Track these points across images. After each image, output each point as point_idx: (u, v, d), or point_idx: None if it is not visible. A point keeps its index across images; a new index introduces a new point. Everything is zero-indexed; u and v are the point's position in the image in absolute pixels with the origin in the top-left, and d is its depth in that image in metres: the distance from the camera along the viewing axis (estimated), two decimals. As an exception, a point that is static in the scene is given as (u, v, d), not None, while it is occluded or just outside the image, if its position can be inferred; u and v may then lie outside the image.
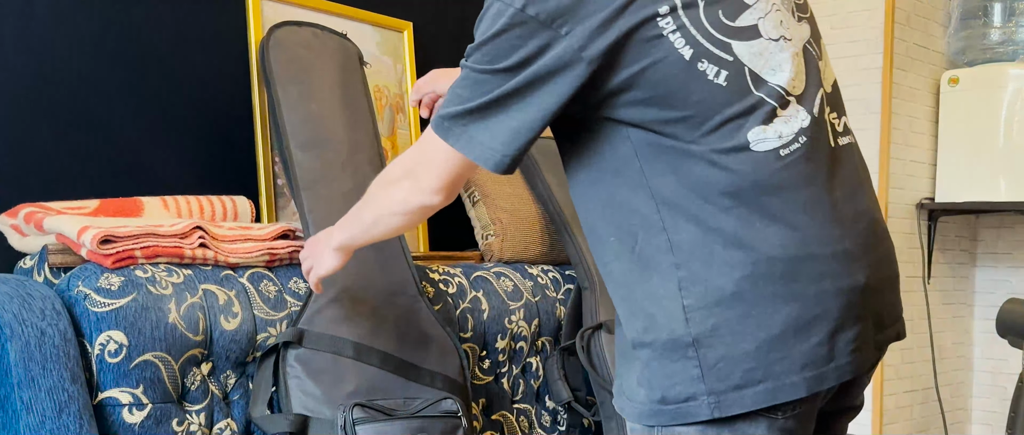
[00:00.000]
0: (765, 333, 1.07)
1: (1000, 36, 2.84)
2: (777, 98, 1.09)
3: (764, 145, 1.08)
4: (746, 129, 1.08)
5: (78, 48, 1.89)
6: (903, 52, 2.76)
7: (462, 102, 1.12)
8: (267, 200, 2.10)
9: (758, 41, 1.09)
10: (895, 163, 2.76)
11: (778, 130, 1.08)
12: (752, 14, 1.10)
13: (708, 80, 1.07)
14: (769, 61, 1.09)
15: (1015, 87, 2.75)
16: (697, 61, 1.07)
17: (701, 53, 1.07)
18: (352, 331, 1.73)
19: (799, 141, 1.09)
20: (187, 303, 1.60)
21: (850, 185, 1.14)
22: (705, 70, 1.07)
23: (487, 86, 1.10)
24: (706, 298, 1.08)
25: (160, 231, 1.65)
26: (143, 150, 1.98)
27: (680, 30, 1.06)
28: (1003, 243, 3.11)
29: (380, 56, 2.41)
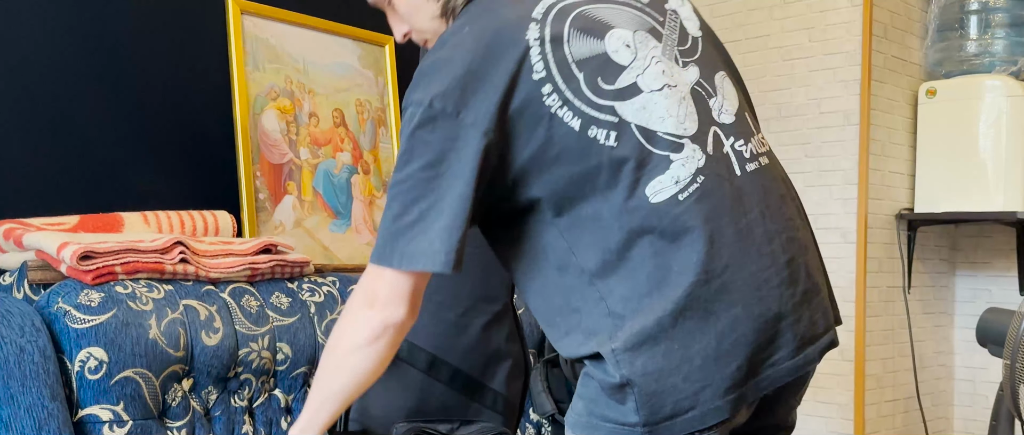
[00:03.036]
0: (689, 365, 1.12)
1: (976, 48, 2.87)
2: (669, 146, 1.15)
3: (663, 194, 1.14)
4: (644, 182, 1.14)
5: (58, 64, 1.88)
6: (881, 64, 2.79)
7: (395, 219, 1.15)
8: (249, 215, 2.10)
9: (640, 96, 1.16)
10: (874, 174, 2.78)
11: (675, 175, 1.14)
12: (630, 74, 1.17)
13: (601, 144, 1.14)
14: (655, 112, 1.16)
15: (991, 98, 2.78)
16: (586, 129, 1.14)
17: (589, 121, 1.14)
18: (430, 340, 1.70)
19: (697, 181, 1.15)
20: (168, 319, 1.60)
21: (759, 208, 1.19)
22: (595, 136, 1.14)
23: (412, 193, 1.14)
24: (632, 341, 1.13)
25: (140, 246, 1.64)
26: (124, 165, 1.97)
27: (566, 105, 1.14)
28: (982, 252, 3.14)
29: (362, 70, 2.41)
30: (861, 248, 2.75)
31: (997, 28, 2.84)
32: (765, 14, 2.89)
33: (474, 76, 1.13)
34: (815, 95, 2.81)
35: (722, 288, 1.13)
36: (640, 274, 1.14)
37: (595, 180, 1.14)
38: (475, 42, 1.15)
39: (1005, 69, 2.84)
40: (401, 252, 1.15)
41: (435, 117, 1.13)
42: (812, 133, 2.82)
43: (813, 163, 2.82)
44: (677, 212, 1.13)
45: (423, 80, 1.16)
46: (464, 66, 1.14)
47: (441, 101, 1.13)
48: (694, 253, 1.13)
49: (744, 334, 1.14)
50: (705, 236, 1.13)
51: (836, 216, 2.78)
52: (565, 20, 1.17)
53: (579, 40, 1.17)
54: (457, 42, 1.16)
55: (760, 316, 1.15)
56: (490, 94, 1.13)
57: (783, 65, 2.87)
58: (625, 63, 1.17)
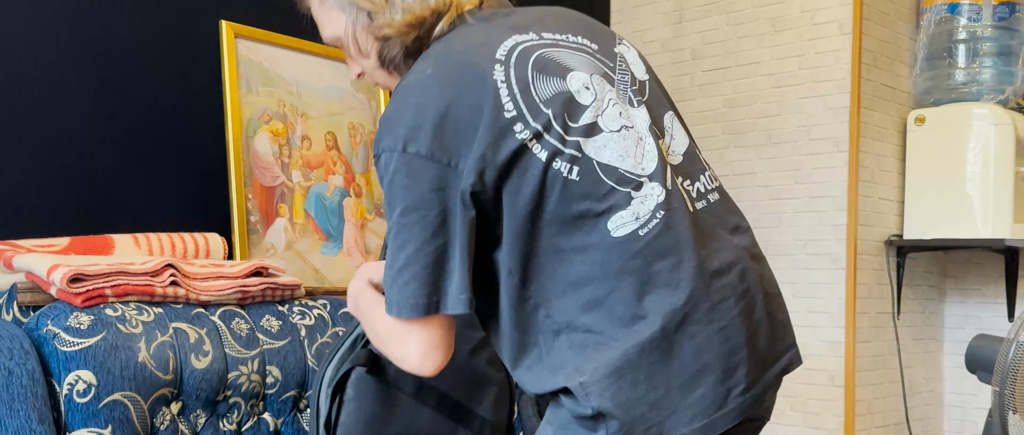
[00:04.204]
0: (655, 395, 1.15)
1: (965, 77, 2.90)
2: (629, 183, 1.18)
3: (624, 229, 1.16)
4: (606, 218, 1.17)
5: (51, 85, 1.89)
6: (870, 92, 2.81)
7: (406, 266, 1.15)
8: (240, 237, 2.10)
9: (601, 136, 1.19)
10: (863, 200, 2.80)
11: (635, 212, 1.17)
12: (591, 113, 1.19)
13: (563, 176, 1.16)
14: (614, 151, 1.19)
15: (979, 126, 2.81)
16: (552, 162, 1.16)
17: (555, 154, 1.16)
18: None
19: (656, 216, 1.18)
20: (157, 342, 1.60)
21: (714, 241, 1.22)
22: (560, 168, 1.16)
23: (417, 238, 1.15)
24: (599, 373, 1.15)
25: (131, 269, 1.64)
26: (116, 187, 1.98)
27: (536, 138, 1.16)
28: (971, 279, 3.15)
29: (355, 93, 2.42)
30: (851, 274, 2.76)
31: (985, 57, 2.87)
32: (755, 42, 2.92)
33: (446, 118, 1.14)
34: (805, 122, 2.83)
35: (684, 320, 1.16)
36: (602, 308, 1.16)
37: (556, 214, 1.16)
38: (442, 87, 1.16)
39: (993, 98, 2.87)
40: (426, 304, 1.16)
41: (410, 162, 1.14)
42: (802, 159, 2.84)
43: (803, 189, 2.84)
44: (637, 247, 1.16)
45: (390, 126, 1.17)
46: (434, 110, 1.15)
47: (414, 146, 1.14)
48: (655, 287, 1.16)
49: (707, 363, 1.17)
50: (665, 270, 1.16)
51: (826, 242, 2.80)
52: (527, 61, 1.20)
53: (541, 80, 1.19)
54: (423, 86, 1.17)
55: (721, 345, 1.18)
56: (464, 135, 1.14)
57: (773, 92, 2.89)
58: (587, 103, 1.20)
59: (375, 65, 1.31)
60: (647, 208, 1.18)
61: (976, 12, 2.85)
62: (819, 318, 2.81)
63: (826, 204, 2.79)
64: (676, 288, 1.16)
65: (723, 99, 2.96)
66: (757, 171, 2.92)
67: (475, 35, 1.23)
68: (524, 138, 1.16)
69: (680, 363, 1.16)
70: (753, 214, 2.93)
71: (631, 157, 1.19)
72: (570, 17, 1.31)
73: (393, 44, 1.27)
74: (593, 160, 1.18)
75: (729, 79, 2.97)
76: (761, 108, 2.91)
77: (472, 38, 1.23)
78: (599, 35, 1.30)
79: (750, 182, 2.94)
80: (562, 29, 1.27)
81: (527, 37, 1.23)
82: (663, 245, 1.17)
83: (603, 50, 1.28)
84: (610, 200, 1.17)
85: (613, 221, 1.17)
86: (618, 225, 1.17)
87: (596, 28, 1.31)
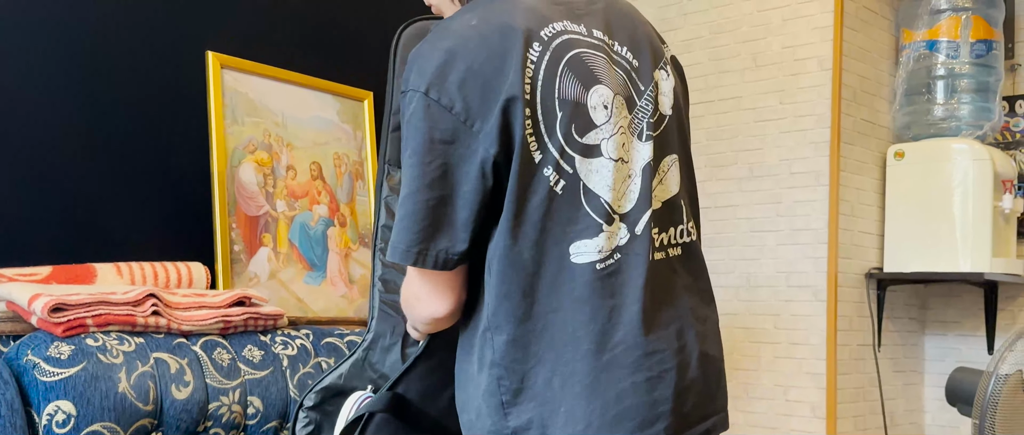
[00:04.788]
0: (573, 427, 1.15)
1: (943, 112, 2.94)
2: (604, 215, 1.18)
3: (583, 258, 1.17)
4: (570, 239, 1.16)
5: (35, 112, 1.89)
6: (850, 127, 2.85)
7: (402, 206, 1.15)
8: (223, 266, 2.10)
9: (599, 159, 1.18)
10: (844, 234, 2.82)
11: (599, 245, 1.17)
12: (598, 134, 1.19)
13: (549, 187, 1.16)
14: (604, 179, 1.18)
15: (958, 161, 2.84)
16: (544, 166, 1.16)
17: (548, 160, 1.16)
18: (437, 404, 1.67)
19: (614, 257, 1.18)
20: (138, 372, 1.59)
21: (664, 293, 1.22)
22: (548, 176, 1.16)
23: (415, 182, 1.14)
24: (522, 394, 1.16)
25: (113, 299, 1.64)
26: (99, 215, 1.98)
27: (535, 135, 1.15)
28: (952, 311, 3.18)
29: (341, 124, 2.44)
30: (831, 306, 2.78)
31: (963, 93, 2.91)
32: (737, 77, 2.96)
33: (474, 75, 1.13)
34: (786, 156, 2.86)
35: (612, 361, 1.16)
36: (539, 324, 1.16)
37: (528, 218, 1.15)
38: (480, 42, 1.15)
39: (971, 133, 2.91)
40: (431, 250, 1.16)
41: (429, 106, 1.13)
42: (784, 192, 2.87)
43: (785, 222, 2.86)
44: (589, 279, 1.16)
45: (419, 66, 1.16)
46: (465, 64, 1.13)
47: (436, 92, 1.13)
48: (594, 322, 1.16)
49: (629, 408, 1.16)
50: (606, 310, 1.16)
51: (807, 274, 2.82)
52: (564, 55, 1.18)
53: (568, 80, 1.18)
54: (462, 35, 1.16)
55: (646, 394, 1.17)
56: (488, 98, 1.13)
57: (755, 126, 2.92)
58: (598, 122, 1.19)
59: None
60: (610, 246, 1.18)
61: (954, 49, 2.90)
62: (801, 350, 2.82)
63: (807, 237, 2.82)
64: (613, 331, 1.16)
65: (706, 132, 3.00)
66: (739, 203, 2.95)
67: (535, 1, 1.21)
68: (528, 131, 1.14)
69: (603, 403, 1.16)
70: (735, 246, 2.95)
71: (615, 191, 1.19)
72: (630, 22, 1.28)
73: None
74: (581, 181, 1.17)
75: (711, 113, 3.00)
76: (743, 142, 2.94)
77: (531, 1, 1.21)
78: (646, 52, 1.27)
79: (732, 214, 2.96)
80: (615, 33, 1.25)
81: (577, 28, 1.21)
82: (612, 286, 1.17)
83: (642, 71, 1.25)
84: (580, 225, 1.16)
85: (575, 246, 1.17)
86: (579, 251, 1.17)
87: (647, 42, 1.28)
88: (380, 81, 2.51)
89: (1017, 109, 3.07)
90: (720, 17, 2.99)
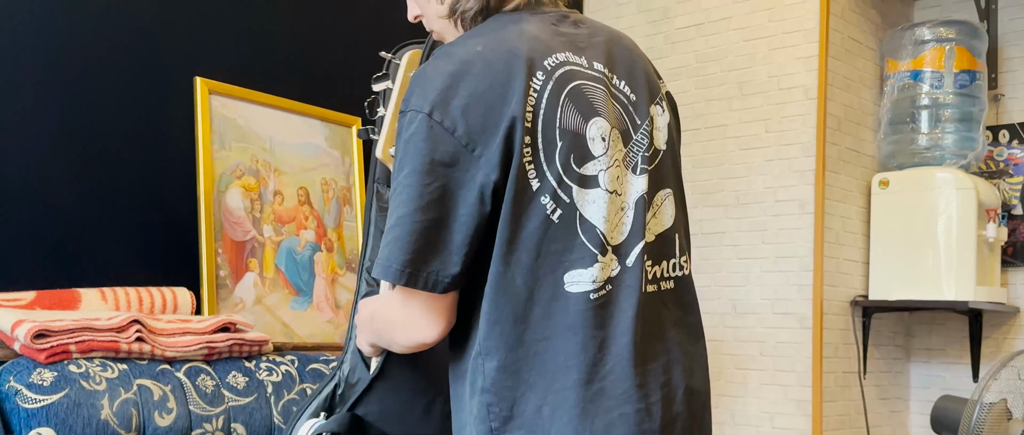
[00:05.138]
0: None
1: (927, 142, 2.96)
2: (599, 246, 1.19)
3: (578, 287, 1.17)
4: (565, 268, 1.17)
5: (20, 137, 1.90)
6: (835, 155, 2.87)
7: (395, 226, 1.15)
8: (209, 291, 2.10)
9: (595, 190, 1.19)
10: (829, 261, 2.84)
11: (593, 275, 1.18)
12: (596, 165, 1.20)
13: (546, 214, 1.16)
14: (600, 210, 1.19)
15: (943, 190, 2.87)
16: (541, 194, 1.16)
17: (545, 188, 1.16)
18: (400, 426, 1.66)
19: (607, 288, 1.19)
20: (120, 399, 1.59)
21: (653, 326, 1.23)
22: (545, 204, 1.16)
23: (411, 203, 1.14)
24: (512, 422, 1.16)
25: (96, 325, 1.64)
26: (85, 240, 1.98)
27: (534, 164, 1.16)
28: (936, 339, 3.20)
29: (329, 150, 2.45)
30: (817, 334, 2.79)
31: (947, 123, 2.94)
32: (724, 105, 2.98)
33: (478, 100, 1.14)
34: (772, 184, 2.88)
35: (600, 392, 1.16)
36: (530, 352, 1.16)
37: (523, 245, 1.16)
38: (485, 68, 1.16)
39: (955, 162, 2.94)
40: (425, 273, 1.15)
41: (432, 128, 1.13)
42: (769, 220, 2.89)
43: (770, 250, 2.88)
44: (582, 308, 1.16)
45: (422, 87, 1.16)
46: (470, 88, 1.14)
47: (440, 115, 1.13)
48: (585, 352, 1.16)
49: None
50: (597, 341, 1.17)
51: (793, 301, 2.83)
52: (565, 85, 1.19)
53: (568, 111, 1.19)
54: (467, 60, 1.16)
55: (635, 426, 1.18)
56: (490, 124, 1.13)
57: (741, 154, 2.94)
58: (596, 154, 1.20)
59: (444, 12, 1.28)
60: (603, 276, 1.18)
61: (938, 79, 2.93)
62: (787, 377, 2.83)
63: (792, 264, 2.83)
64: (603, 362, 1.17)
65: (693, 160, 3.02)
66: (725, 230, 2.97)
67: (539, 30, 1.22)
68: (527, 159, 1.15)
69: (591, 432, 1.16)
70: (721, 272, 2.96)
71: (609, 222, 1.20)
72: (630, 56, 1.30)
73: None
74: (578, 211, 1.18)
75: (698, 141, 3.02)
76: (729, 169, 2.96)
77: (535, 31, 1.22)
78: (643, 87, 1.28)
79: (718, 241, 2.98)
80: (615, 66, 1.26)
81: (579, 60, 1.22)
82: (604, 317, 1.18)
83: (639, 105, 1.27)
84: (576, 254, 1.17)
85: (570, 275, 1.17)
86: (574, 280, 1.17)
87: (645, 77, 1.30)
88: (368, 107, 2.53)
89: (1001, 138, 3.11)
90: (707, 46, 3.02)
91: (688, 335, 1.30)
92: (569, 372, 1.16)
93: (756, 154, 2.91)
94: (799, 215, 2.82)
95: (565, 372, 1.16)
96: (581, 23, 1.29)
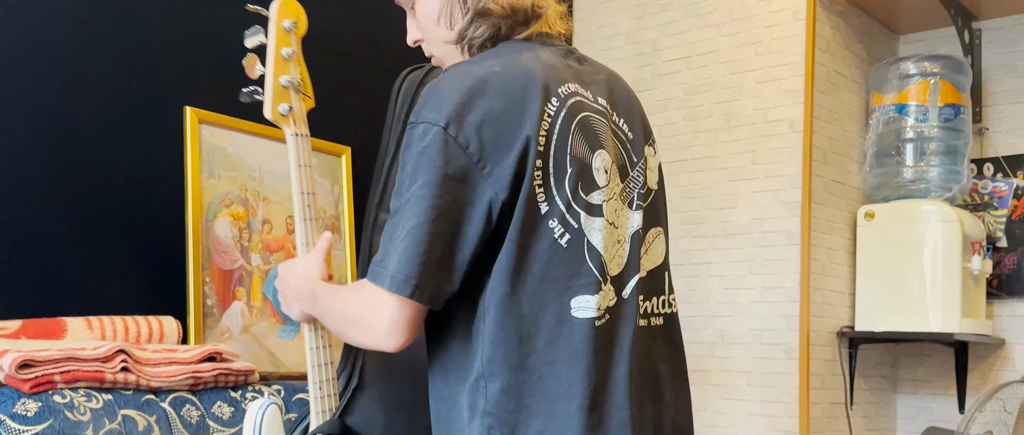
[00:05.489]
0: None
1: (913, 174, 2.99)
2: (602, 273, 1.20)
3: (584, 313, 1.18)
4: (572, 293, 1.18)
5: (7, 163, 1.90)
6: (821, 187, 2.90)
7: (406, 237, 1.13)
8: (195, 320, 2.10)
9: (599, 219, 1.21)
10: (815, 292, 2.85)
11: (598, 302, 1.19)
12: (600, 195, 1.22)
13: (554, 238, 1.17)
14: (604, 239, 1.21)
15: (928, 222, 2.89)
16: (549, 218, 1.17)
17: (554, 212, 1.17)
18: (388, 417, 1.66)
19: (606, 317, 1.20)
20: (105, 429, 1.59)
21: (646, 360, 1.25)
22: (553, 228, 1.17)
23: (422, 216, 1.13)
24: None
25: (82, 355, 1.64)
26: (72, 268, 1.98)
27: (544, 187, 1.17)
28: (923, 370, 3.21)
29: (319, 179, 2.46)
30: (804, 364, 2.80)
31: (932, 156, 2.97)
32: (711, 137, 3.01)
33: (493, 120, 1.14)
34: (759, 214, 2.90)
35: (600, 421, 1.17)
36: (534, 375, 1.16)
37: (530, 270, 1.16)
38: (502, 89, 1.16)
39: (940, 195, 2.96)
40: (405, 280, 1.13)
41: (447, 142, 1.13)
42: (756, 251, 2.90)
43: (757, 280, 2.89)
44: (587, 334, 1.17)
45: (437, 100, 1.15)
46: (486, 107, 1.14)
47: (455, 129, 1.13)
48: (589, 379, 1.17)
49: None
50: (597, 368, 1.17)
51: (780, 332, 2.84)
52: (576, 114, 1.21)
53: (578, 139, 1.20)
54: (485, 78, 1.17)
55: None
56: (503, 144, 1.14)
57: (728, 185, 2.97)
58: (600, 184, 1.22)
59: (451, 38, 1.28)
60: (605, 304, 1.19)
61: (923, 113, 2.97)
62: (774, 408, 2.83)
63: (779, 295, 2.85)
64: (604, 390, 1.18)
65: (680, 191, 3.04)
66: (713, 261, 2.98)
67: (551, 59, 1.24)
68: (537, 182, 1.16)
69: None
70: (709, 303, 2.98)
71: (609, 252, 1.21)
72: (627, 96, 1.33)
73: (484, 24, 1.26)
74: (585, 237, 1.19)
75: (686, 171, 3.04)
76: (717, 200, 2.98)
77: (548, 59, 1.23)
78: (639, 127, 1.32)
79: (705, 272, 2.99)
80: (615, 104, 1.28)
81: (586, 93, 1.24)
82: (606, 345, 1.19)
83: (635, 144, 1.29)
84: (583, 279, 1.17)
85: (577, 301, 1.17)
86: (580, 306, 1.17)
87: (640, 118, 1.33)
88: (358, 137, 2.54)
89: (985, 171, 3.14)
90: (694, 79, 3.05)
91: (676, 373, 1.32)
92: (573, 399, 1.16)
93: (743, 185, 2.94)
94: (786, 246, 2.84)
95: (569, 399, 1.16)
96: (584, 60, 1.32)
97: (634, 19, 3.19)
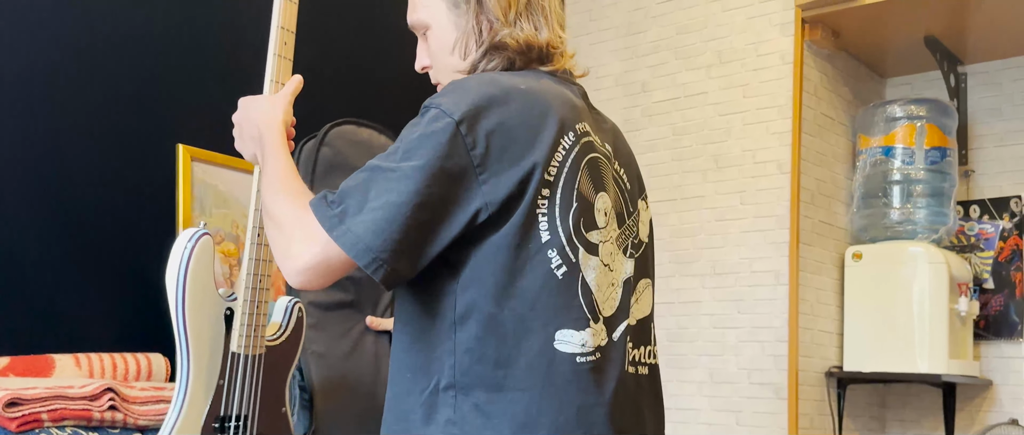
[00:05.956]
0: None
1: (899, 216, 3.02)
2: (593, 312, 1.20)
3: (567, 347, 1.18)
4: (557, 325, 1.17)
5: None
6: (809, 228, 2.92)
7: (382, 208, 1.11)
8: (184, 358, 2.09)
9: (596, 259, 1.22)
10: (804, 333, 2.86)
11: (584, 339, 1.19)
12: (598, 235, 1.23)
13: (550, 268, 1.17)
14: (597, 279, 1.21)
15: (915, 263, 2.91)
16: (549, 247, 1.17)
17: (555, 243, 1.17)
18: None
19: (595, 355, 1.20)
20: (90, 468, 1.58)
21: (630, 404, 1.25)
22: (552, 258, 1.17)
23: (405, 195, 1.12)
24: None
25: (69, 393, 1.64)
26: (60, 304, 1.98)
27: (547, 217, 1.17)
28: (911, 411, 3.21)
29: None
30: (792, 404, 2.80)
31: (918, 198, 3.00)
32: (699, 176, 3.03)
33: (505, 132, 1.14)
34: (747, 255, 2.92)
35: None
36: (505, 401, 1.15)
37: (524, 295, 1.16)
38: (523, 106, 1.16)
39: (927, 237, 2.99)
40: (345, 228, 1.11)
41: (455, 136, 1.12)
42: (745, 291, 2.92)
43: (746, 319, 2.90)
44: (567, 370, 1.17)
45: (458, 95, 1.15)
46: (502, 117, 1.14)
47: (466, 128, 1.13)
48: (561, 414, 1.16)
49: None
50: (575, 406, 1.17)
51: (768, 372, 2.85)
52: (587, 153, 1.22)
53: (586, 177, 1.21)
54: (508, 91, 1.17)
55: None
56: (507, 160, 1.14)
57: (717, 225, 2.99)
58: (600, 225, 1.23)
59: (464, 68, 1.28)
60: (594, 343, 1.19)
61: (909, 156, 3.00)
62: (762, 448, 2.84)
63: (768, 334, 2.86)
64: (578, 424, 1.16)
65: (670, 229, 3.06)
66: (702, 300, 2.99)
67: (571, 96, 1.25)
68: (541, 210, 1.16)
69: None
70: (698, 342, 2.98)
71: (602, 293, 1.21)
72: (628, 150, 1.36)
73: (498, 57, 1.26)
74: (581, 273, 1.19)
75: (675, 210, 3.07)
76: (705, 239, 3.00)
77: (568, 96, 1.24)
78: (636, 180, 1.34)
79: (695, 310, 3.00)
80: (619, 153, 1.31)
81: (596, 137, 1.26)
82: (587, 383, 1.18)
83: (631, 195, 1.31)
84: (572, 314, 1.17)
85: (562, 334, 1.17)
86: (564, 340, 1.17)
87: (637, 173, 1.36)
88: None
89: (972, 214, 3.17)
90: (683, 119, 3.09)
91: (657, 420, 1.33)
92: (539, 430, 1.15)
93: (732, 225, 2.96)
94: (774, 286, 2.85)
95: (535, 429, 1.15)
96: (593, 108, 1.34)
97: (624, 60, 3.23)
